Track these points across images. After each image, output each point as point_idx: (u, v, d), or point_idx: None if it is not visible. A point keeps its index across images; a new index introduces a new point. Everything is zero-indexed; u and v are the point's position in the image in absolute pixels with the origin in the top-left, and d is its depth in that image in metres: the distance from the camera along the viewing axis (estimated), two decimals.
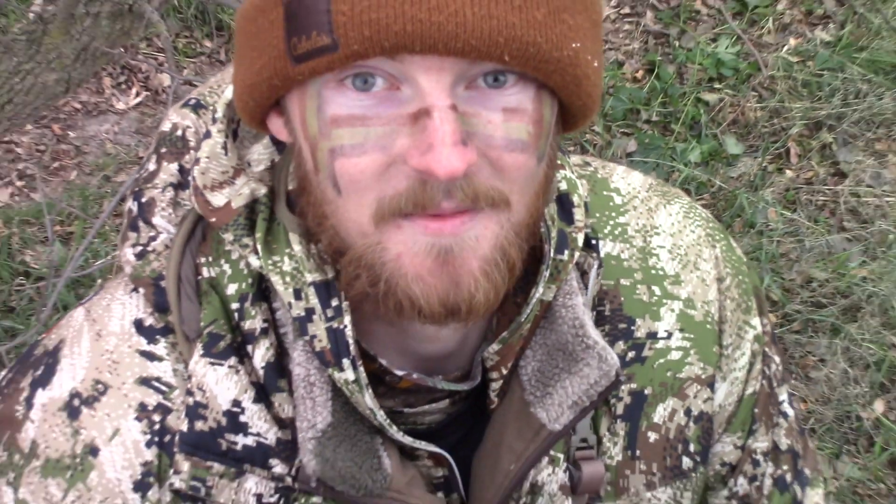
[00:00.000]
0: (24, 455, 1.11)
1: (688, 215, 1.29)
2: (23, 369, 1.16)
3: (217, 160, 1.07)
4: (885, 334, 3.66)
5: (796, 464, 1.35)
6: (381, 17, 0.85)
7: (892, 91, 4.10)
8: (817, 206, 3.95)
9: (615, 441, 1.22)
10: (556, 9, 0.89)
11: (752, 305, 1.30)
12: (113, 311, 1.14)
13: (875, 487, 3.47)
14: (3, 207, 3.77)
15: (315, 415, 1.06)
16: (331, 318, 1.03)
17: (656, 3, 4.32)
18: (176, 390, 1.11)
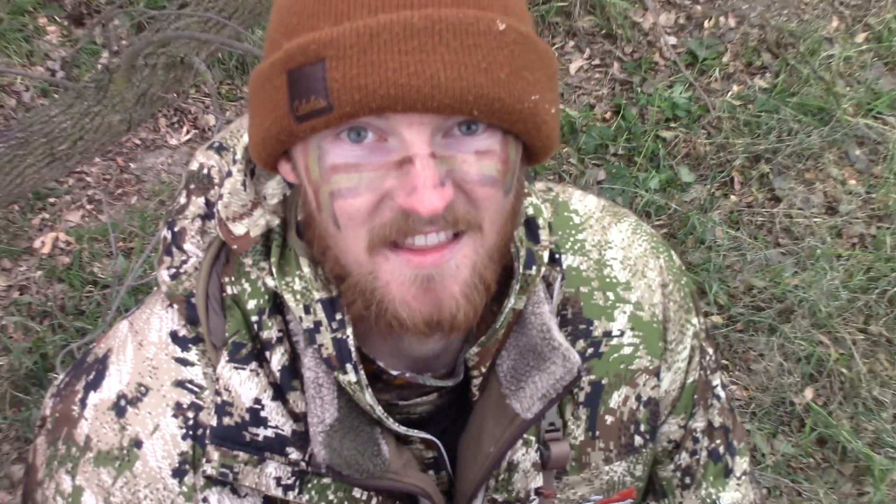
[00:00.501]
0: (80, 448, 1.11)
1: (635, 231, 1.28)
2: (77, 374, 1.16)
3: (237, 195, 1.07)
4: (814, 333, 3.66)
5: (727, 437, 1.35)
6: (369, 83, 0.86)
7: (819, 129, 4.09)
8: (757, 226, 3.94)
9: (578, 424, 1.22)
10: (517, 68, 0.90)
11: (691, 306, 1.29)
12: (152, 323, 1.14)
13: (806, 461, 3.48)
14: (76, 227, 3.77)
15: (324, 411, 1.06)
16: (335, 330, 1.03)
17: (621, 56, 4.31)
18: (206, 391, 1.10)
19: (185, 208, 1.13)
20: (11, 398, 3.43)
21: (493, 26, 0.89)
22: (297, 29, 0.91)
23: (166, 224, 1.14)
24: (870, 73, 4.29)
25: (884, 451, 3.48)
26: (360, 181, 0.93)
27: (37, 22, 4.13)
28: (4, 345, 3.53)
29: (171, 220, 1.14)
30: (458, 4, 0.89)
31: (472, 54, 0.88)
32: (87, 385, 1.14)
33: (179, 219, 1.13)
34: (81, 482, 1.11)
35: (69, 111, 2.57)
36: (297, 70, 0.90)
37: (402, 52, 0.86)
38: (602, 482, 1.25)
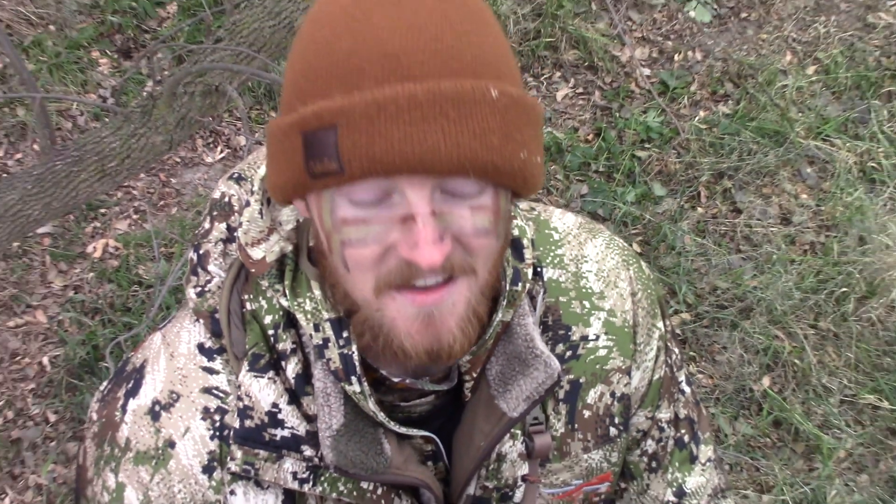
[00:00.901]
0: (122, 449, 1.11)
1: (608, 246, 1.28)
2: (119, 382, 1.16)
3: (255, 223, 1.06)
4: (770, 328, 3.67)
5: (693, 428, 1.35)
6: (376, 151, 0.86)
7: (775, 150, 4.09)
8: (720, 234, 3.94)
9: (559, 418, 1.21)
10: (509, 131, 0.89)
11: (658, 312, 1.28)
12: (182, 336, 1.14)
13: (763, 441, 3.48)
14: (123, 234, 3.77)
15: (331, 418, 1.05)
16: (342, 346, 1.03)
17: (602, 85, 4.31)
18: (230, 396, 1.10)
19: (209, 233, 1.13)
20: (67, 384, 3.44)
21: (488, 94, 0.88)
22: (310, 94, 0.90)
23: (192, 247, 1.14)
24: (819, 101, 4.29)
25: (831, 432, 3.48)
26: (367, 233, 0.93)
27: (90, 55, 4.14)
28: (61, 337, 3.54)
29: (197, 244, 1.14)
30: (456, 74, 0.88)
31: (468, 123, 0.87)
32: (127, 392, 1.14)
33: (204, 242, 1.13)
34: (123, 479, 1.11)
35: (118, 133, 2.58)
36: (312, 134, 0.89)
37: (406, 123, 0.86)
38: (581, 468, 1.25)
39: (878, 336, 3.70)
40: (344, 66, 0.88)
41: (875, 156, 4.13)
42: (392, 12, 0.88)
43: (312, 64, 0.91)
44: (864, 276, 3.76)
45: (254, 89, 4.03)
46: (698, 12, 4.34)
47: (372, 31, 0.87)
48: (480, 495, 1.19)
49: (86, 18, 4.19)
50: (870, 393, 3.57)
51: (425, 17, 0.88)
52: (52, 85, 3.97)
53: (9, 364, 3.49)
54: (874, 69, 4.37)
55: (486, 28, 0.92)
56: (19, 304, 3.61)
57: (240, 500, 1.11)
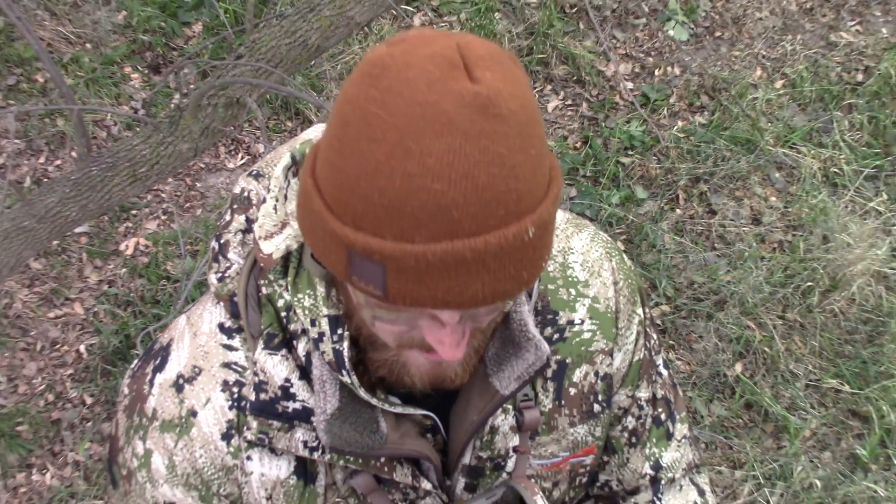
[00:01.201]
0: (149, 418, 1.12)
1: (593, 239, 1.27)
2: (147, 360, 1.16)
3: (270, 217, 1.05)
4: (742, 319, 3.65)
5: (669, 407, 1.34)
6: (421, 297, 0.84)
7: (746, 157, 4.08)
8: (697, 233, 3.93)
9: (547, 395, 1.21)
10: (539, 258, 0.87)
11: (637, 300, 1.28)
12: (204, 317, 1.14)
13: (736, 422, 3.48)
14: (153, 233, 3.77)
15: (325, 403, 1.05)
16: (335, 342, 1.02)
17: (589, 98, 4.30)
18: (247, 371, 1.10)
19: (229, 224, 1.13)
20: (102, 370, 3.44)
21: (525, 237, 0.84)
22: (360, 221, 0.83)
23: (214, 237, 1.14)
24: (786, 112, 4.28)
25: (797, 414, 3.47)
26: (398, 317, 0.93)
27: (123, 70, 4.14)
28: (96, 327, 3.54)
29: (218, 234, 1.14)
30: (501, 223, 0.82)
31: (506, 270, 0.85)
32: (154, 368, 1.14)
33: (224, 233, 1.13)
34: (151, 446, 1.11)
35: (148, 141, 2.58)
36: (359, 258, 0.85)
37: (451, 278, 0.83)
38: (568, 441, 1.25)
39: (839, 326, 3.69)
40: (398, 211, 0.81)
41: (837, 162, 4.12)
42: (445, 157, 0.79)
43: (364, 189, 0.82)
44: (828, 271, 3.75)
45: (271, 101, 4.03)
46: (677, 31, 4.33)
47: (426, 178, 0.79)
48: (475, 465, 1.19)
49: (119, 37, 4.19)
50: (832, 378, 3.57)
51: (477, 158, 0.80)
52: (89, 98, 3.97)
53: (49, 351, 3.49)
54: (836, 83, 4.36)
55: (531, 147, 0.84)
56: (59, 297, 3.61)
57: (255, 464, 1.11)
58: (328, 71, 4.10)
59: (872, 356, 3.60)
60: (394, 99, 0.80)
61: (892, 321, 3.64)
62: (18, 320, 3.53)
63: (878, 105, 4.27)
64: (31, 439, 3.29)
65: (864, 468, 3.33)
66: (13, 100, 3.96)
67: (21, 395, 3.38)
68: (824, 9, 4.62)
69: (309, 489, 1.13)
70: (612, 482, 1.36)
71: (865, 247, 3.77)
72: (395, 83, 0.80)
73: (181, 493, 1.12)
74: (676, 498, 1.36)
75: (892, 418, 3.41)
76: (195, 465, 1.11)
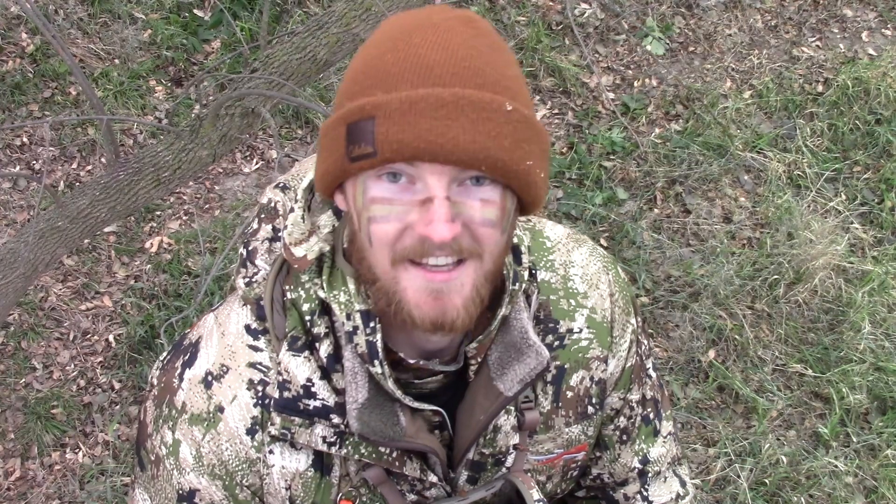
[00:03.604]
0: (178, 411, 1.10)
1: (592, 254, 1.26)
2: (177, 354, 1.15)
3: (298, 226, 1.05)
4: (715, 309, 3.64)
5: (657, 407, 1.34)
6: (405, 137, 0.88)
7: (718, 161, 4.08)
8: (673, 231, 3.92)
9: (546, 397, 1.20)
10: (518, 140, 0.91)
11: (631, 310, 1.27)
12: (231, 318, 1.12)
13: (709, 403, 3.46)
14: (175, 232, 3.75)
15: (357, 393, 1.04)
16: (369, 334, 1.02)
17: (574, 107, 4.31)
18: (272, 370, 1.09)
19: (257, 232, 1.12)
20: (129, 358, 3.42)
21: (503, 107, 0.90)
22: (357, 94, 0.93)
23: (242, 243, 1.13)
24: (754, 120, 4.29)
25: (765, 396, 3.47)
26: (390, 212, 0.92)
27: (148, 83, 4.13)
28: (124, 318, 3.52)
29: (247, 241, 1.12)
30: (479, 87, 0.90)
31: (484, 125, 0.88)
32: (184, 363, 1.13)
33: (252, 240, 1.12)
34: (179, 436, 1.10)
35: (171, 148, 2.55)
36: (354, 124, 0.91)
37: (432, 118, 0.87)
38: (563, 439, 1.24)
39: (803, 315, 3.69)
40: (386, 72, 0.91)
41: (800, 166, 4.12)
42: (430, 38, 0.91)
43: (361, 72, 0.94)
44: (792, 265, 3.75)
45: (283, 111, 4.01)
46: (654, 46, 4.31)
47: (412, 48, 0.91)
48: (478, 460, 1.18)
49: (144, 53, 4.17)
50: (797, 363, 3.56)
51: (458, 43, 0.91)
52: (117, 108, 3.95)
53: (81, 341, 3.48)
54: (798, 94, 4.37)
55: (508, 62, 0.95)
56: (89, 291, 3.59)
57: (277, 458, 1.10)
58: (335, 83, 4.08)
59: (833, 343, 3.60)
60: (393, 21, 0.96)
61: (851, 311, 3.64)
62: (53, 312, 3.51)
63: (836, 114, 4.28)
64: (64, 421, 3.28)
65: (826, 445, 3.34)
66: (48, 111, 3.95)
67: (55, 381, 3.37)
68: (787, 26, 4.62)
69: (325, 480, 1.13)
70: (604, 475, 1.36)
71: (826, 243, 3.78)
72: (394, 19, 0.97)
73: (206, 482, 1.10)
74: (661, 488, 1.37)
75: (850, 399, 3.41)
76: (221, 457, 1.10)
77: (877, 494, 3.21)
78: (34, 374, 3.38)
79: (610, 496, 1.36)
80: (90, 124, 3.91)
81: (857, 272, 3.78)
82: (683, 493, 1.37)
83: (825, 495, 3.18)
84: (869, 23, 4.65)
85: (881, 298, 3.70)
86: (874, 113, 4.24)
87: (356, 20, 2.49)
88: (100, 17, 4.18)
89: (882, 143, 4.16)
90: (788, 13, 4.64)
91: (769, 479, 3.21)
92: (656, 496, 1.35)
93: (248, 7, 4.18)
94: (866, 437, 3.35)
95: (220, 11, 4.11)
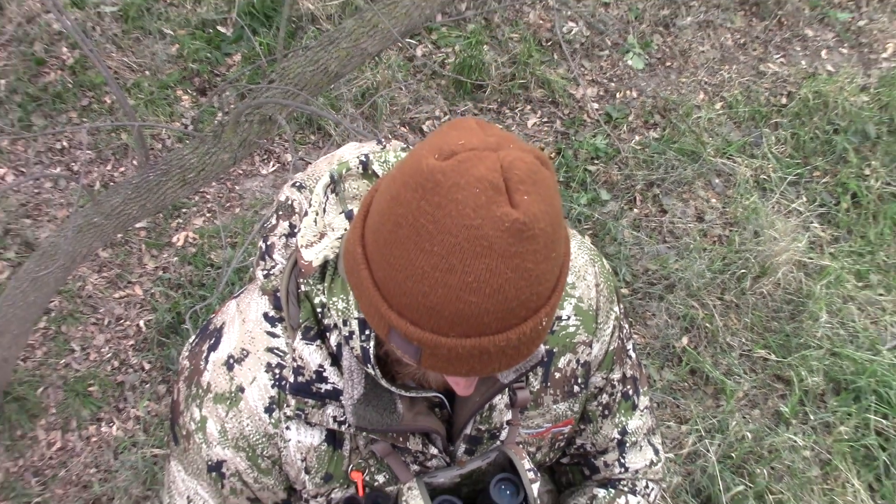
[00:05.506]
0: (204, 390, 1.10)
1: (580, 248, 1.25)
2: (203, 338, 1.15)
3: (311, 228, 1.02)
4: (689, 300, 3.63)
5: (636, 384, 1.34)
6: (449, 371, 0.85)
7: (692, 165, 4.06)
8: (651, 229, 3.90)
9: (536, 378, 1.20)
10: (543, 335, 0.86)
11: (615, 298, 1.26)
12: (251, 306, 1.11)
13: (682, 385, 3.46)
14: (199, 228, 3.73)
15: (353, 389, 1.04)
16: (363, 341, 0.99)
17: (561, 116, 4.29)
18: (287, 355, 1.08)
19: (275, 228, 1.10)
20: (157, 341, 3.42)
21: (539, 327, 0.84)
22: (403, 311, 0.83)
23: (261, 238, 1.12)
24: (724, 129, 4.27)
25: (733, 378, 3.47)
26: None
27: (176, 93, 4.11)
28: (153, 306, 3.51)
29: (265, 236, 1.11)
30: (521, 321, 0.82)
31: (522, 354, 0.85)
32: (209, 347, 1.12)
33: (270, 235, 1.10)
34: (206, 413, 1.10)
35: (195, 151, 2.55)
36: (398, 336, 0.85)
37: (475, 362, 0.83)
38: (551, 415, 1.24)
39: (767, 306, 3.68)
40: (437, 313, 0.80)
41: (766, 170, 4.11)
42: (482, 275, 0.78)
43: (411, 289, 0.81)
44: (758, 260, 3.74)
45: (298, 118, 3.99)
46: (634, 61, 4.30)
47: (464, 291, 0.78)
48: (475, 435, 1.18)
49: (172, 66, 4.15)
50: (761, 348, 3.56)
51: (508, 276, 0.78)
52: (147, 116, 3.94)
53: (114, 326, 3.48)
54: (765, 105, 4.35)
55: (553, 251, 0.82)
56: (122, 281, 3.58)
57: (293, 433, 1.10)
58: (345, 93, 4.06)
59: (794, 330, 3.59)
60: (443, 217, 0.77)
61: (810, 302, 3.64)
62: (89, 300, 3.51)
63: (798, 124, 4.27)
64: (100, 398, 3.28)
65: (786, 423, 3.34)
66: (86, 118, 3.94)
67: (92, 362, 3.37)
68: (755, 44, 4.61)
69: (337, 453, 1.13)
70: (587, 445, 1.36)
71: (789, 240, 3.77)
72: (445, 201, 0.77)
73: (231, 453, 1.11)
74: (637, 456, 1.37)
75: (809, 382, 3.41)
76: (243, 431, 1.10)
77: (830, 466, 3.21)
78: (73, 355, 3.38)
79: (591, 463, 1.37)
80: (123, 130, 3.90)
81: (816, 267, 3.78)
82: (657, 460, 1.38)
83: (785, 467, 3.19)
84: (828, 42, 4.65)
85: (837, 291, 3.70)
86: (832, 124, 4.24)
87: (364, 36, 2.49)
88: (132, 33, 4.17)
89: (839, 150, 4.15)
90: (756, 32, 4.63)
91: (735, 453, 3.21)
92: (632, 463, 1.36)
93: (267, 24, 4.17)
94: (822, 416, 3.35)
95: (240, 28, 4.11)
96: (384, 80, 4.08)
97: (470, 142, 0.81)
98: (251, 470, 1.12)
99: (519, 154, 0.81)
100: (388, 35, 2.48)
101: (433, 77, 4.22)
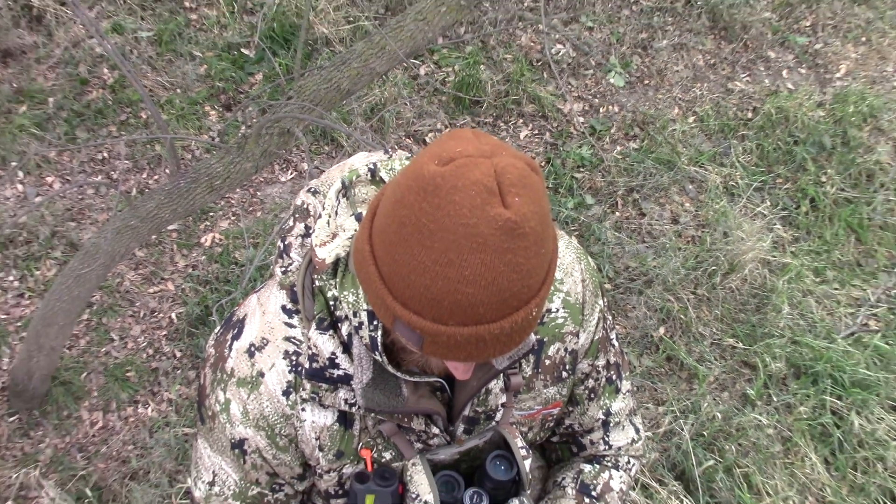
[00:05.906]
0: (228, 375, 1.09)
1: (567, 246, 1.24)
2: (228, 328, 1.14)
3: (324, 229, 1.02)
4: (665, 294, 3.62)
5: (619, 370, 1.33)
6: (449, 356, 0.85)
7: (668, 173, 4.05)
8: (631, 230, 3.90)
9: (528, 364, 1.19)
10: (534, 323, 0.86)
11: (599, 292, 1.26)
12: (270, 299, 1.11)
13: (659, 370, 3.46)
14: (225, 230, 3.73)
15: (362, 374, 1.03)
16: (372, 330, 0.98)
17: (550, 128, 4.28)
18: (303, 344, 1.07)
19: (292, 229, 1.10)
20: (188, 332, 3.42)
21: (530, 316, 0.84)
22: (407, 302, 0.83)
23: (280, 238, 1.11)
24: (696, 140, 4.26)
25: (705, 364, 3.46)
26: None
27: (204, 109, 4.11)
28: (183, 300, 3.51)
29: (283, 236, 1.11)
30: (514, 310, 0.82)
31: (516, 341, 0.85)
32: (233, 336, 1.12)
33: (288, 236, 1.10)
34: (230, 396, 1.09)
35: (221, 161, 2.54)
36: (403, 325, 0.84)
37: (473, 348, 0.83)
38: (542, 398, 1.23)
39: (735, 299, 3.68)
40: (437, 303, 0.80)
41: (734, 178, 4.10)
42: (477, 269, 0.78)
43: (413, 282, 0.81)
44: (727, 258, 3.73)
45: (313, 131, 3.99)
46: (616, 79, 4.29)
47: (462, 283, 0.79)
48: (472, 416, 1.17)
49: (201, 84, 4.15)
50: (730, 337, 3.56)
51: (501, 269, 0.78)
52: (178, 129, 3.93)
53: (149, 318, 3.47)
54: (733, 119, 4.34)
55: (542, 247, 0.82)
56: (156, 277, 3.57)
57: (308, 414, 1.09)
58: (356, 108, 4.06)
59: (759, 321, 3.59)
60: (443, 217, 0.78)
61: (773, 295, 3.64)
62: (127, 294, 3.50)
63: (763, 136, 4.26)
64: (136, 382, 3.28)
65: (752, 404, 3.34)
66: (124, 131, 3.93)
67: (129, 350, 3.37)
68: (724, 64, 4.61)
69: (348, 432, 1.12)
70: (575, 425, 1.35)
71: (754, 240, 3.77)
72: (444, 203, 0.78)
73: (252, 432, 1.10)
74: (619, 434, 1.36)
75: (772, 367, 3.41)
76: (263, 412, 1.09)
77: (791, 443, 3.21)
78: (112, 344, 3.37)
79: (579, 441, 1.36)
80: (157, 142, 3.90)
81: (779, 264, 3.77)
82: (637, 439, 1.38)
83: (751, 444, 3.18)
84: (788, 63, 4.65)
85: (797, 286, 3.70)
86: (793, 136, 4.24)
87: (373, 57, 2.48)
88: (165, 56, 4.16)
89: (799, 160, 4.15)
90: (724, 54, 4.63)
91: (707, 432, 3.21)
92: (615, 441, 1.35)
93: (285, 46, 4.17)
94: (784, 398, 3.35)
95: (262, 50, 4.10)
96: (391, 96, 4.07)
97: (466, 149, 0.81)
98: (270, 447, 1.11)
99: (511, 160, 0.81)
100: (395, 56, 2.48)
101: (435, 94, 4.22)
